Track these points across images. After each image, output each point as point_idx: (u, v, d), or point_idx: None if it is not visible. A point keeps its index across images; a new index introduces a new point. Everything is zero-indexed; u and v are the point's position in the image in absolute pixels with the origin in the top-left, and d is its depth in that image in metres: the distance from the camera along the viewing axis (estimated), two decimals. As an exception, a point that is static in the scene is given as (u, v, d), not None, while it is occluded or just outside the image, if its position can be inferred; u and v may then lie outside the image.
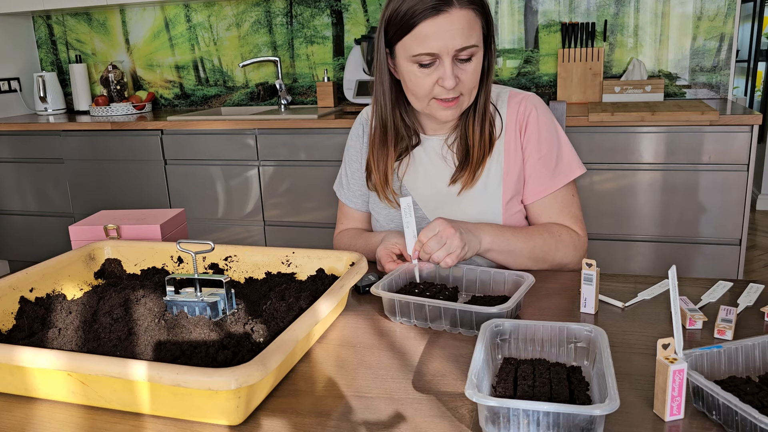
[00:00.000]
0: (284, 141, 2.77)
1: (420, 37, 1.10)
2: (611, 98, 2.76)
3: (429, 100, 1.17)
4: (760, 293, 1.03)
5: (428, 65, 1.13)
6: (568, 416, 0.64)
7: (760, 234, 3.87)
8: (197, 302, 0.90)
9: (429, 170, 1.28)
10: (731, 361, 0.75)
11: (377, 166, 1.28)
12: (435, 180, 1.27)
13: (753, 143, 2.26)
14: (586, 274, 0.98)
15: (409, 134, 1.28)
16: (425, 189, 1.28)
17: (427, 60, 1.12)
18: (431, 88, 1.14)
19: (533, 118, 1.25)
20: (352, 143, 1.40)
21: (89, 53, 3.61)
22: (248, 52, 3.33)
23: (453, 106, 1.16)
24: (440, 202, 1.27)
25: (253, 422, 0.73)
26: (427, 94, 1.15)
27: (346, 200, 1.42)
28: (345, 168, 1.41)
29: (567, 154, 1.27)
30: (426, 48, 1.10)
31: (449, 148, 1.27)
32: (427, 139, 1.29)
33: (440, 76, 1.12)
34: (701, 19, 2.72)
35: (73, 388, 0.76)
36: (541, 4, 2.88)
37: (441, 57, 1.11)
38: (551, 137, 1.26)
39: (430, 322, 0.96)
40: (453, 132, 1.27)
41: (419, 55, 1.12)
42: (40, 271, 1.02)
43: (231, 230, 2.98)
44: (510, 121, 1.26)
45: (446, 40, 1.09)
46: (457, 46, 1.10)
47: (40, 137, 3.13)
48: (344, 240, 1.40)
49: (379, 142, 1.27)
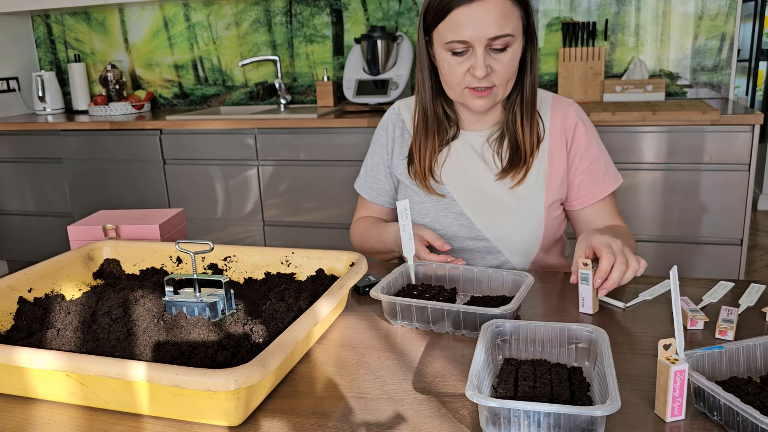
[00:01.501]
0: (284, 141, 2.77)
1: (453, 24, 1.10)
2: (612, 98, 2.75)
3: (462, 89, 1.16)
4: (762, 293, 1.03)
5: (461, 53, 1.12)
6: (569, 417, 0.64)
7: (761, 234, 3.87)
8: (196, 303, 0.90)
9: (468, 166, 1.27)
10: (732, 362, 0.74)
11: (419, 155, 1.27)
12: (475, 176, 1.26)
13: (754, 143, 2.26)
14: (582, 274, 0.98)
15: (449, 125, 1.27)
16: (465, 184, 1.27)
17: (460, 48, 1.11)
18: (463, 76, 1.14)
19: (581, 128, 1.25)
20: (379, 136, 1.39)
21: (88, 53, 3.60)
22: (247, 52, 3.33)
23: (485, 96, 1.15)
24: (480, 199, 1.26)
25: (253, 423, 0.73)
26: (459, 82, 1.15)
27: (362, 191, 1.42)
28: (368, 159, 1.41)
29: (610, 163, 1.29)
30: (458, 35, 1.10)
31: (490, 146, 1.26)
32: (465, 134, 1.28)
33: (472, 64, 1.12)
34: (702, 18, 2.72)
35: (72, 388, 0.76)
36: (542, 3, 2.88)
37: (473, 45, 1.10)
38: (598, 147, 1.27)
39: (432, 325, 0.95)
40: (494, 128, 1.26)
41: (451, 43, 1.11)
42: (39, 272, 1.02)
43: (230, 230, 2.98)
44: (555, 127, 1.25)
45: (479, 28, 1.08)
46: (490, 35, 1.09)
47: (39, 137, 3.12)
48: (360, 226, 1.40)
49: (421, 130, 1.27)
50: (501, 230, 1.25)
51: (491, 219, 1.25)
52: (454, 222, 1.27)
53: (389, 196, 1.39)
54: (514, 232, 1.24)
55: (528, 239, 1.25)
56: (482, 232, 1.25)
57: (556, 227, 1.28)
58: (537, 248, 1.26)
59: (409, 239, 1.09)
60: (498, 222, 1.25)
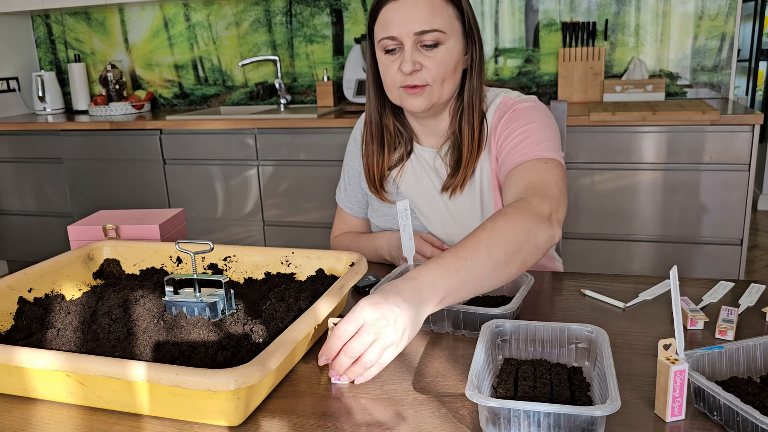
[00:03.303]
0: (284, 141, 2.77)
1: (383, 21, 1.12)
2: (612, 98, 2.75)
3: (398, 89, 1.15)
4: (762, 293, 1.03)
5: (393, 51, 1.13)
6: (569, 417, 0.64)
7: (761, 234, 3.87)
8: (196, 303, 0.90)
9: (422, 179, 1.26)
10: (732, 362, 0.74)
11: (368, 164, 1.27)
12: (427, 189, 1.26)
13: (754, 143, 2.26)
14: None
15: (403, 141, 1.26)
16: (419, 196, 1.27)
17: (391, 45, 1.12)
18: (396, 75, 1.13)
19: (509, 113, 1.18)
20: (351, 148, 1.39)
21: (88, 53, 3.60)
22: (247, 52, 3.33)
23: (418, 93, 1.13)
24: (435, 212, 1.25)
25: (253, 423, 0.73)
26: (393, 80, 1.14)
27: (344, 205, 1.42)
28: (344, 173, 1.41)
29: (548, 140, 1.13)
30: (387, 32, 1.11)
31: (442, 160, 1.25)
32: (420, 149, 1.27)
33: (401, 61, 1.12)
34: (702, 18, 2.72)
35: (72, 388, 0.76)
36: (542, 3, 2.88)
37: (402, 41, 1.11)
38: (529, 123, 1.15)
39: (432, 325, 0.95)
40: (445, 142, 1.25)
41: (383, 40, 1.12)
42: (39, 272, 1.01)
43: (230, 230, 2.98)
44: (493, 128, 1.21)
45: (405, 23, 1.09)
46: (416, 29, 1.09)
47: (39, 137, 3.12)
48: (344, 241, 1.39)
49: (369, 140, 1.26)
50: (456, 241, 1.23)
51: (446, 231, 1.25)
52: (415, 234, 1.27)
53: (367, 208, 1.39)
54: None
55: None
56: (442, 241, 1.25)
57: None
58: None
59: (409, 239, 1.09)
60: (452, 235, 1.24)
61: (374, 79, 1.21)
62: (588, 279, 1.13)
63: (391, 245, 1.22)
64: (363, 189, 1.37)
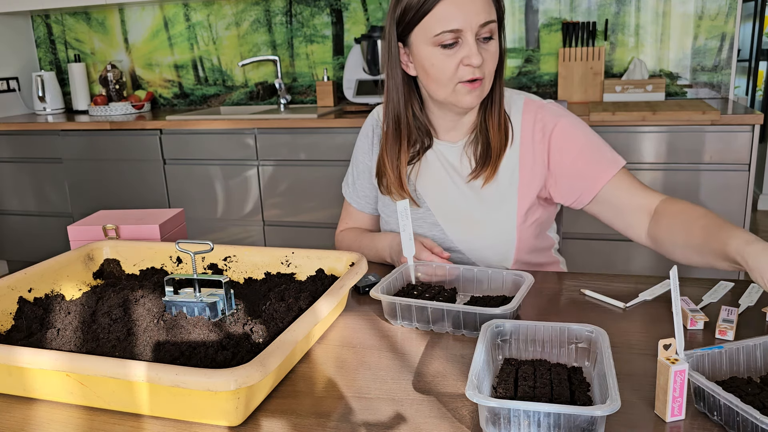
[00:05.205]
0: (284, 140, 2.77)
1: (441, 15, 1.09)
2: (612, 98, 2.75)
3: (455, 85, 1.13)
4: (762, 293, 1.03)
5: (451, 45, 1.10)
6: (569, 417, 0.64)
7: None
8: (196, 303, 0.90)
9: (441, 176, 1.25)
10: (732, 362, 0.74)
11: (391, 165, 1.24)
12: (448, 187, 1.24)
13: (754, 143, 2.26)
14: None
15: (421, 136, 1.25)
16: (438, 195, 1.25)
17: (450, 39, 1.10)
18: (455, 70, 1.11)
19: (558, 129, 1.19)
20: (361, 143, 1.37)
21: (88, 53, 3.60)
22: (247, 52, 3.33)
23: (477, 88, 1.13)
24: (454, 211, 1.24)
25: (253, 423, 0.73)
26: (452, 76, 1.12)
27: (351, 200, 1.41)
28: (352, 167, 1.40)
29: (606, 150, 1.19)
30: (448, 25, 1.08)
31: (465, 154, 1.23)
32: (439, 144, 1.26)
33: (465, 54, 1.10)
34: (702, 18, 2.72)
35: (72, 388, 0.76)
36: (542, 3, 2.88)
37: (464, 34, 1.09)
38: (585, 138, 1.19)
39: (432, 325, 0.95)
40: (469, 136, 1.24)
41: (441, 34, 1.09)
42: (39, 272, 1.01)
43: (230, 230, 2.98)
44: (526, 134, 1.20)
45: (469, 14, 1.08)
46: (480, 21, 1.09)
47: (39, 137, 3.12)
48: (348, 237, 1.38)
49: (392, 140, 1.24)
50: (473, 243, 1.23)
51: (464, 231, 1.23)
52: (429, 232, 1.25)
53: (376, 203, 1.38)
54: (485, 246, 1.22)
55: (501, 252, 1.22)
56: (456, 244, 1.24)
57: (531, 234, 1.24)
58: (511, 261, 1.23)
59: (409, 239, 1.09)
60: (470, 236, 1.23)
61: (402, 80, 1.19)
62: (588, 279, 1.13)
63: (393, 247, 1.22)
64: (374, 184, 1.35)
